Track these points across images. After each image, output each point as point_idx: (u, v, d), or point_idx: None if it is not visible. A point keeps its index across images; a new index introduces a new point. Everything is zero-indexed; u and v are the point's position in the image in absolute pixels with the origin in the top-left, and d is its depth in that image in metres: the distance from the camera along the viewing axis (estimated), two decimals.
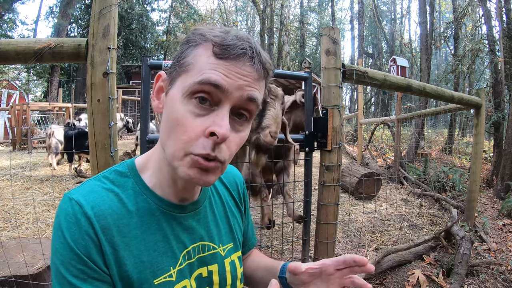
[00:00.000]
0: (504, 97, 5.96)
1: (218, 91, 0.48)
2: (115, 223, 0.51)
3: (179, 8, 19.11)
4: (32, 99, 15.67)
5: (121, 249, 0.51)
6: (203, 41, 0.50)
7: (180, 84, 0.50)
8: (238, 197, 0.75)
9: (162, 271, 0.54)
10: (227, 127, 0.48)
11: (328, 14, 24.23)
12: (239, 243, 0.71)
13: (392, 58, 4.99)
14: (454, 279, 2.15)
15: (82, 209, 0.49)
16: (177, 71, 0.51)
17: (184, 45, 0.52)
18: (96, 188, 0.54)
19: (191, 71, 0.49)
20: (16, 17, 15.06)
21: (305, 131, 1.71)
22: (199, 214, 0.62)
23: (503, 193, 4.60)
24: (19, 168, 5.57)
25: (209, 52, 0.49)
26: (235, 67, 0.48)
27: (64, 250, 0.48)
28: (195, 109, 0.49)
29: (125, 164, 0.59)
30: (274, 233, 2.99)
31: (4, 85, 11.59)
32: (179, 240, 0.57)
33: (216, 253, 0.63)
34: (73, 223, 0.48)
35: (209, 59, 0.48)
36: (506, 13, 5.44)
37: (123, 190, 0.55)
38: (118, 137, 6.76)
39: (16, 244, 2.03)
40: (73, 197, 0.51)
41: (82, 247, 0.48)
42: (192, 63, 0.49)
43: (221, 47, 0.48)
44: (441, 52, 24.12)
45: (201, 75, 0.48)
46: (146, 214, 0.55)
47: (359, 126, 7.26)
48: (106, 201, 0.52)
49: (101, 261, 0.49)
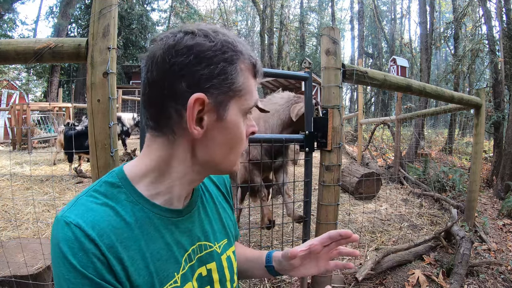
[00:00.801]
0: (504, 97, 5.96)
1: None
2: (118, 239, 0.49)
3: (179, 8, 19.11)
4: (32, 99, 15.66)
5: (129, 265, 0.50)
6: (241, 55, 0.53)
7: (238, 107, 0.54)
8: (225, 190, 0.77)
9: (168, 279, 0.54)
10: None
11: (328, 14, 24.23)
12: (232, 237, 0.72)
13: (392, 58, 4.99)
14: (454, 279, 2.15)
15: (83, 231, 0.47)
16: (229, 95, 0.52)
17: (229, 65, 0.50)
18: (90, 205, 0.51)
19: (245, 95, 0.54)
20: (16, 17, 15.08)
21: (305, 131, 1.71)
22: (194, 216, 0.62)
23: (503, 193, 4.60)
24: (19, 168, 5.58)
25: (248, 72, 0.54)
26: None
27: (76, 278, 0.45)
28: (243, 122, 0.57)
29: (114, 174, 0.56)
30: (274, 233, 2.99)
31: (4, 85, 11.59)
32: (179, 245, 0.57)
33: (213, 251, 0.64)
34: (78, 248, 0.46)
35: (251, 80, 0.55)
36: (506, 13, 5.44)
37: (117, 202, 0.53)
38: (129, 136, 6.91)
39: (16, 244, 2.03)
40: (70, 221, 0.47)
41: (93, 271, 0.46)
42: (244, 88, 0.53)
43: (257, 67, 0.55)
44: (441, 52, 24.11)
45: (253, 97, 0.55)
46: (145, 224, 0.53)
47: (359, 126, 7.26)
48: (105, 218, 0.50)
49: (114, 280, 0.48)
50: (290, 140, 1.77)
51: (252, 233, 2.95)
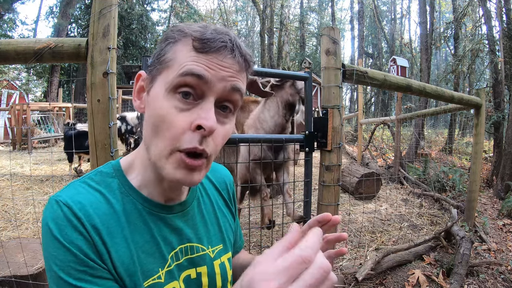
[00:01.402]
0: (504, 97, 5.96)
1: (201, 83, 0.48)
2: (104, 224, 0.50)
3: (179, 8, 19.11)
4: (32, 99, 15.66)
5: (112, 250, 0.49)
6: (182, 37, 0.50)
7: (162, 80, 0.50)
8: (227, 197, 0.74)
9: (151, 273, 0.53)
10: (214, 119, 0.48)
11: (328, 14, 24.24)
12: (229, 244, 0.69)
13: (392, 58, 4.99)
14: (454, 279, 2.15)
15: (71, 210, 0.48)
16: (157, 69, 0.51)
17: (163, 43, 0.52)
18: (81, 189, 0.52)
19: (172, 66, 0.49)
20: (16, 17, 15.07)
21: (305, 131, 1.71)
22: (187, 215, 0.61)
23: (503, 193, 4.60)
24: (19, 168, 5.58)
25: (189, 47, 0.49)
26: (217, 60, 0.48)
27: (61, 254, 0.46)
28: (179, 103, 0.48)
29: (110, 165, 0.58)
30: (274, 233, 2.99)
31: (4, 85, 11.59)
32: (166, 242, 0.56)
33: (205, 254, 0.62)
34: (65, 225, 0.47)
35: (189, 53, 0.48)
36: (506, 13, 5.44)
37: (109, 190, 0.53)
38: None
39: (16, 244, 2.03)
40: (60, 200, 0.49)
41: (78, 248, 0.46)
42: (173, 58, 0.49)
43: (201, 41, 0.48)
44: (441, 52, 24.13)
45: (183, 67, 0.48)
46: (133, 215, 0.53)
47: (359, 126, 7.26)
48: (94, 202, 0.51)
49: (98, 259, 0.48)
50: (290, 140, 1.77)
51: (252, 233, 2.95)
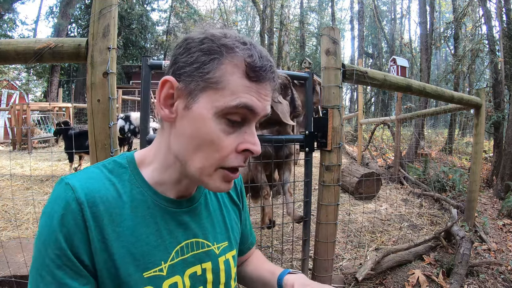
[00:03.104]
0: (504, 97, 5.95)
1: (252, 114, 0.51)
2: (108, 211, 0.51)
3: (179, 8, 19.10)
4: (32, 99, 15.66)
5: (111, 238, 0.50)
6: (229, 55, 0.49)
7: (209, 101, 0.49)
8: (235, 194, 0.75)
9: (153, 265, 0.53)
10: (259, 144, 0.53)
11: (328, 14, 24.22)
12: (234, 242, 0.70)
13: (392, 58, 4.98)
14: (454, 279, 2.15)
15: (75, 194, 0.49)
16: (200, 85, 0.50)
17: (205, 55, 0.49)
18: (94, 175, 0.54)
19: (222, 90, 0.49)
20: (16, 17, 15.08)
21: (305, 131, 1.71)
22: (194, 211, 0.62)
23: (503, 193, 4.60)
24: (19, 168, 5.57)
25: (241, 73, 0.49)
26: (264, 89, 0.51)
27: (47, 232, 0.47)
28: (227, 127, 0.51)
29: (124, 156, 0.59)
30: (274, 233, 2.99)
31: (4, 85, 11.59)
32: (172, 235, 0.57)
33: (210, 251, 0.63)
34: (62, 207, 0.48)
35: (242, 80, 0.49)
36: (506, 13, 5.44)
37: (119, 180, 0.55)
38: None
39: (16, 244, 2.03)
40: (68, 182, 0.50)
41: (64, 232, 0.47)
42: (223, 81, 0.49)
43: (254, 69, 0.49)
44: (441, 52, 24.11)
45: (237, 98, 0.49)
46: (141, 206, 0.55)
47: (359, 126, 7.26)
48: (102, 189, 0.52)
49: (83, 249, 0.48)
50: (290, 140, 1.77)
51: None
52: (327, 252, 1.73)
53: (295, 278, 0.67)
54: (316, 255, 1.77)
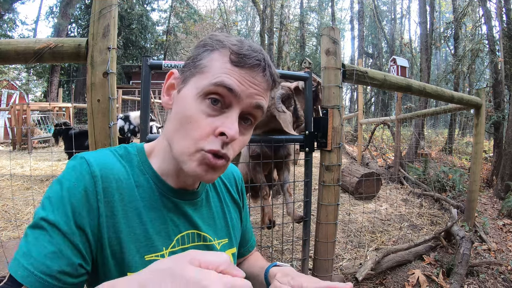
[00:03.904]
0: (504, 97, 5.95)
1: (231, 95, 0.51)
2: (119, 189, 0.53)
3: (179, 8, 19.10)
4: (32, 99, 15.67)
5: (119, 215, 0.52)
6: (220, 47, 0.53)
7: (194, 84, 0.53)
8: (236, 193, 0.76)
9: (155, 249, 0.55)
10: (237, 130, 0.51)
11: (328, 14, 24.21)
12: (235, 240, 0.71)
13: (392, 58, 4.98)
14: (454, 279, 2.15)
15: (90, 167, 0.51)
16: (192, 72, 0.54)
17: (200, 48, 0.55)
18: (107, 155, 0.56)
19: (206, 73, 0.52)
20: (16, 17, 15.05)
21: (305, 131, 1.71)
22: (196, 205, 0.63)
23: (503, 193, 4.60)
24: (19, 168, 5.57)
25: (225, 58, 0.52)
26: (249, 76, 0.52)
27: (56, 197, 0.48)
28: (208, 109, 0.52)
29: (134, 146, 0.62)
30: (274, 233, 2.99)
31: (4, 85, 11.59)
32: (175, 224, 0.59)
33: (212, 245, 0.63)
34: (76, 177, 0.50)
35: (225, 64, 0.52)
36: (506, 13, 5.44)
37: (129, 164, 0.58)
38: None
39: (16, 244, 2.03)
40: (84, 156, 0.53)
41: (73, 201, 0.48)
42: (208, 66, 0.52)
43: (238, 55, 0.51)
44: (441, 52, 24.10)
45: (217, 77, 0.51)
46: (147, 192, 0.57)
47: (359, 126, 7.26)
48: (115, 168, 0.55)
49: (90, 221, 0.49)
50: (290, 140, 1.77)
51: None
52: (327, 252, 1.73)
53: (279, 269, 0.67)
54: (316, 255, 1.77)
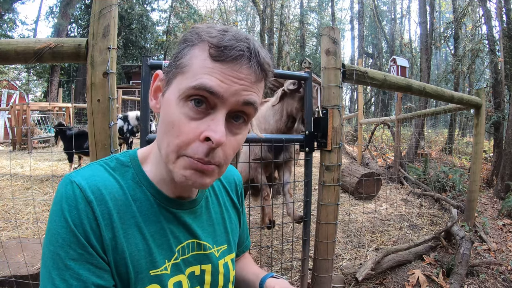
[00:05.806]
0: (504, 97, 5.95)
1: (214, 97, 0.47)
2: (116, 208, 0.51)
3: (179, 8, 19.11)
4: (32, 99, 15.67)
5: (121, 235, 0.50)
6: (200, 41, 0.48)
7: (176, 86, 0.49)
8: (236, 197, 0.74)
9: (159, 263, 0.54)
10: (223, 133, 0.47)
11: (328, 14, 24.21)
12: (233, 245, 0.70)
13: (392, 58, 4.98)
14: (454, 279, 2.15)
15: (83, 193, 0.49)
16: (173, 72, 0.50)
17: (182, 44, 0.51)
18: (98, 172, 0.54)
19: (186, 73, 0.48)
20: (16, 17, 15.07)
21: (305, 131, 1.71)
22: (195, 213, 0.62)
23: (503, 193, 4.60)
24: (19, 168, 5.57)
25: (205, 54, 0.47)
26: (232, 71, 0.46)
27: (65, 233, 0.47)
28: (190, 112, 0.48)
29: (127, 154, 0.59)
30: (274, 233, 2.99)
31: (4, 85, 11.59)
32: (174, 235, 0.57)
33: (211, 253, 0.62)
34: (74, 207, 0.48)
35: (204, 62, 0.47)
36: (506, 13, 5.44)
37: (123, 178, 0.55)
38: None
39: (16, 244, 2.03)
40: (74, 180, 0.50)
41: (82, 231, 0.47)
42: (188, 65, 0.48)
43: (218, 48, 0.46)
44: (441, 52, 24.10)
45: (196, 80, 0.46)
46: (145, 205, 0.55)
47: (359, 126, 7.26)
48: (108, 186, 0.52)
49: (99, 247, 0.48)
50: (290, 140, 1.77)
51: (252, 233, 2.94)
52: (327, 252, 1.73)
53: (276, 282, 0.68)
54: (316, 255, 1.77)
